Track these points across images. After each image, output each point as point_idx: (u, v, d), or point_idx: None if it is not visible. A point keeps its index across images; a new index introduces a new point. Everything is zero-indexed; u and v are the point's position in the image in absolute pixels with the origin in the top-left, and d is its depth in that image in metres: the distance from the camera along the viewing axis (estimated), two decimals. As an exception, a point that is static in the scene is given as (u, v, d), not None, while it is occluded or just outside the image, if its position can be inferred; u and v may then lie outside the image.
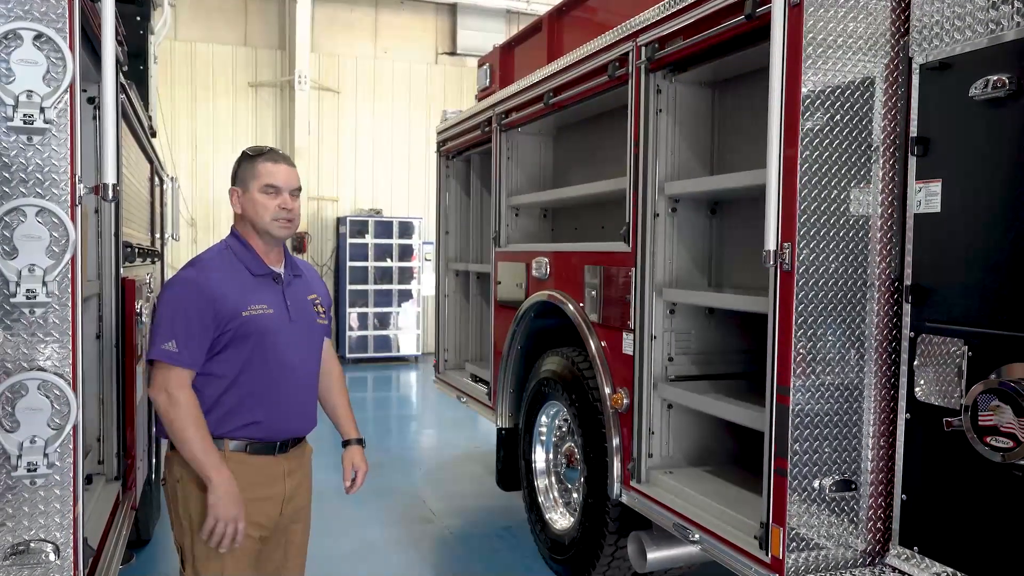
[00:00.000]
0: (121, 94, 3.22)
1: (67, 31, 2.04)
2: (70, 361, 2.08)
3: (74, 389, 2.06)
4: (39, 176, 2.03)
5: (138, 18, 5.44)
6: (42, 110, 1.99)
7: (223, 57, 11.90)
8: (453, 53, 13.21)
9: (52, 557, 2.06)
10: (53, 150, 2.05)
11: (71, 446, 2.07)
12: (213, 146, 11.81)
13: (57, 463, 2.05)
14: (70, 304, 2.07)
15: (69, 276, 2.07)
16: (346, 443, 2.71)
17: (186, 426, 2.25)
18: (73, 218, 2.05)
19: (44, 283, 2.01)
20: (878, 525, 2.60)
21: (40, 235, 2.02)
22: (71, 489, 2.08)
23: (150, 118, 5.47)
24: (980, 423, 2.15)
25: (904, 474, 2.52)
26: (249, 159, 2.48)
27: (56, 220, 2.03)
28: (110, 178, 2.16)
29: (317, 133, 12.33)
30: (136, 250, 3.78)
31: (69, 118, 2.06)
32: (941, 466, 2.40)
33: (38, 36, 1.99)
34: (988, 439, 2.13)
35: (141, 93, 5.44)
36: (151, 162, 5.10)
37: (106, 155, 2.18)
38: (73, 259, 2.06)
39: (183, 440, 2.26)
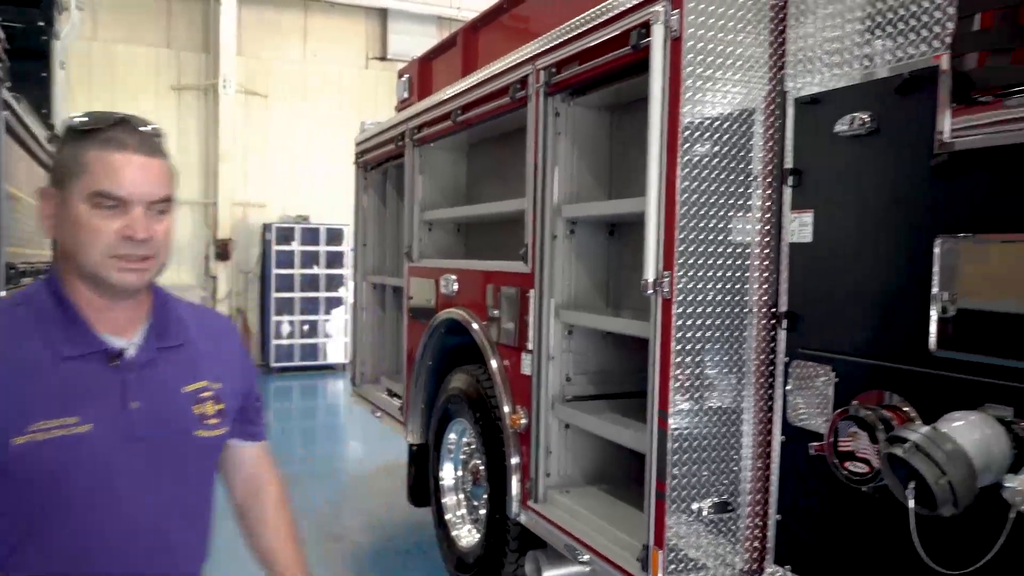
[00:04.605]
0: (3, 110, 3.12)
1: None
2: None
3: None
4: None
5: (41, 23, 5.26)
6: None
7: (145, 59, 11.60)
8: (384, 58, 13.14)
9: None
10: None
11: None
12: (134, 150, 11.50)
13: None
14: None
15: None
16: None
17: None
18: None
19: None
20: (755, 544, 2.67)
21: None
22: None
23: (52, 127, 5.30)
24: (840, 448, 2.23)
25: (779, 495, 2.60)
26: (75, 137, 1.41)
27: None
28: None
29: (244, 137, 12.11)
30: (24, 271, 3.66)
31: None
32: (811, 488, 2.48)
33: None
34: (847, 464, 2.21)
35: (44, 100, 5.28)
36: (52, 173, 4.94)
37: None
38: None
39: None
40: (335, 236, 11.96)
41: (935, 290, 2.06)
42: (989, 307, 1.97)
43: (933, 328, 2.07)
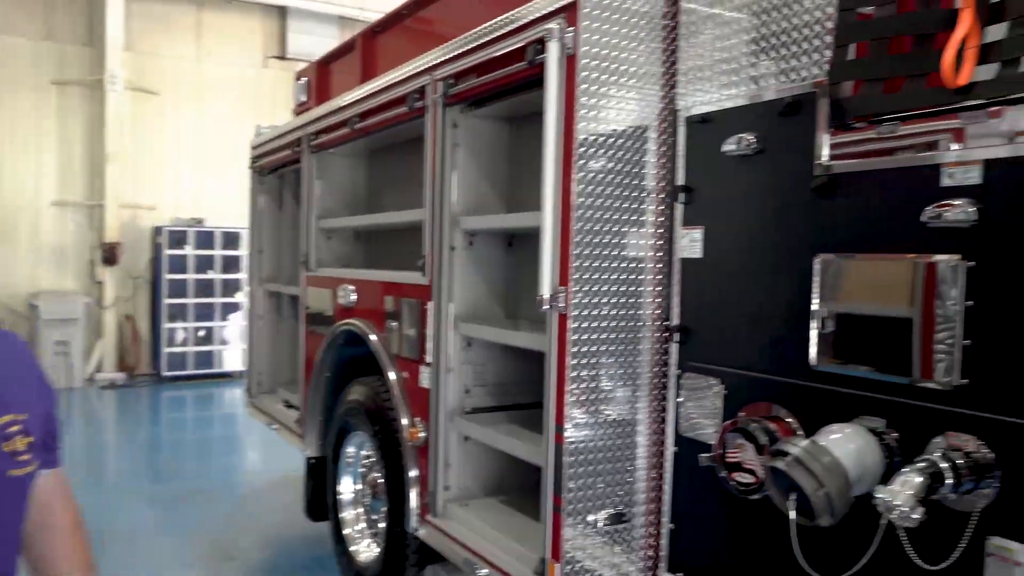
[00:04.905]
0: None
1: None
2: None
3: None
4: None
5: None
6: None
7: (22, 51, 10.93)
8: (283, 57, 12.81)
9: None
10: None
11: None
12: (11, 148, 10.83)
13: None
14: None
15: None
16: None
17: None
18: None
19: None
20: (649, 553, 2.72)
21: None
22: None
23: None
24: (727, 459, 2.30)
25: (671, 505, 2.66)
26: None
27: None
28: None
29: (133, 137, 11.56)
30: None
31: None
32: (701, 497, 2.55)
33: None
34: (735, 475, 2.28)
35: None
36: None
37: None
38: None
39: None
40: (232, 240, 11.56)
41: (814, 306, 2.15)
42: (862, 323, 2.07)
43: (813, 342, 2.15)
